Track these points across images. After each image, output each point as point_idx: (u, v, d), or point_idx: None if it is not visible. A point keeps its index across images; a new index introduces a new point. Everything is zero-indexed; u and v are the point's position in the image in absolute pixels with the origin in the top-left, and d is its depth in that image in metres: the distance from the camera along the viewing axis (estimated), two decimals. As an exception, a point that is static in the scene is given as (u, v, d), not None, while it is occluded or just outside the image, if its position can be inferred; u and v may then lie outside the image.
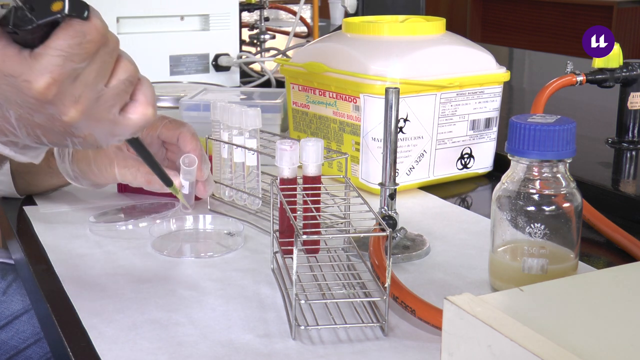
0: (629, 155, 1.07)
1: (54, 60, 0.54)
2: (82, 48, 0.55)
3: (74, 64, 0.55)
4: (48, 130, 0.59)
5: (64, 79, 0.55)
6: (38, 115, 0.57)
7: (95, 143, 0.61)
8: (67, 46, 0.54)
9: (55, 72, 0.54)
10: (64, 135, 0.59)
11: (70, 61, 0.55)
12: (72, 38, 0.54)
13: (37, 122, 0.58)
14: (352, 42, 1.02)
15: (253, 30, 1.97)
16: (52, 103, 0.56)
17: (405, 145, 0.97)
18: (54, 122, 0.58)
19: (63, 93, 0.56)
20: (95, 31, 0.55)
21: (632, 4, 4.20)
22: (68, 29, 0.54)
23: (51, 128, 0.59)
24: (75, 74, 0.55)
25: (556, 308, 0.47)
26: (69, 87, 0.56)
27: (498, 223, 0.69)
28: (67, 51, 0.54)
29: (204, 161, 0.82)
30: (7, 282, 0.99)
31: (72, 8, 0.53)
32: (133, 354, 0.60)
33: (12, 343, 0.97)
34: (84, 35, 0.54)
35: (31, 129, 0.59)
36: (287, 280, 0.71)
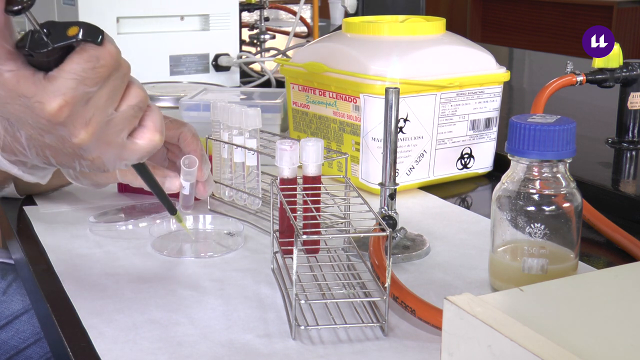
0: (629, 155, 1.07)
1: (67, 83, 0.55)
2: (95, 72, 0.56)
3: (86, 88, 0.56)
4: (57, 151, 0.60)
5: (76, 102, 0.56)
6: (49, 136, 0.59)
7: (102, 166, 0.62)
8: (81, 70, 0.56)
9: (68, 95, 0.56)
10: (72, 157, 0.61)
11: (83, 84, 0.56)
12: (85, 62, 0.56)
13: (47, 142, 0.59)
14: (352, 42, 1.02)
15: (253, 30, 1.97)
16: (64, 125, 0.57)
17: (405, 145, 0.97)
18: (64, 143, 0.59)
19: (74, 115, 0.57)
20: (108, 56, 0.56)
21: (632, 4, 4.20)
22: (82, 53, 0.56)
23: (61, 149, 0.60)
24: (87, 97, 0.57)
25: (556, 308, 0.47)
26: (81, 110, 0.57)
27: (498, 223, 0.69)
28: (80, 75, 0.56)
29: (204, 162, 0.82)
30: (7, 282, 0.99)
31: (87, 33, 0.55)
32: (133, 354, 0.60)
33: (12, 343, 0.97)
34: (97, 59, 0.56)
35: (41, 149, 0.60)
36: (287, 280, 0.71)
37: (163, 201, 0.75)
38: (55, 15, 1.54)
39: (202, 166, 0.81)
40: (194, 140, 0.83)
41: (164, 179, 0.78)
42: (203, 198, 0.85)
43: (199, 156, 0.82)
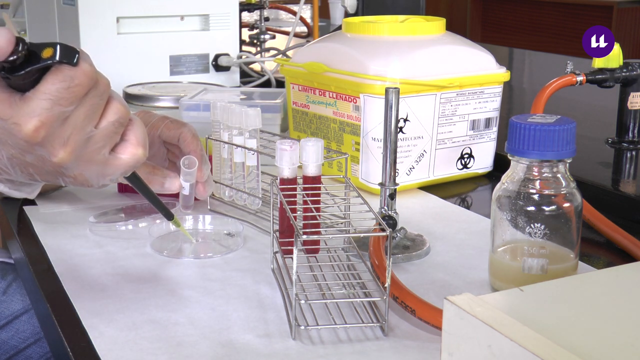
0: (629, 155, 1.07)
1: (42, 103, 0.56)
2: (70, 92, 0.56)
3: (62, 107, 0.56)
4: (40, 169, 0.61)
5: (53, 122, 0.57)
6: (29, 156, 0.59)
7: (85, 182, 0.62)
8: (55, 90, 0.56)
9: (43, 115, 0.56)
10: (54, 174, 0.61)
11: (58, 105, 0.56)
12: (60, 82, 0.56)
13: (28, 162, 0.60)
14: (352, 42, 1.02)
15: (253, 30, 1.97)
16: (42, 145, 0.58)
17: (405, 145, 0.97)
18: (44, 162, 0.59)
19: (52, 135, 0.57)
20: (83, 75, 0.57)
21: (632, 4, 4.20)
22: (57, 74, 0.56)
23: (42, 167, 0.60)
24: (64, 117, 0.57)
25: (556, 308, 0.47)
26: (58, 130, 0.57)
27: (498, 223, 0.69)
28: (55, 95, 0.56)
29: (204, 162, 0.82)
30: (7, 282, 0.99)
31: (62, 54, 0.55)
32: (133, 354, 0.60)
33: (12, 343, 0.97)
34: (72, 79, 0.56)
35: (24, 167, 0.61)
36: (287, 280, 0.71)
37: (158, 208, 0.74)
38: (55, 15, 1.54)
39: (202, 167, 0.81)
40: (194, 141, 0.83)
41: (164, 179, 0.78)
42: (203, 198, 0.85)
43: (199, 156, 0.82)
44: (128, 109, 0.62)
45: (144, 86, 1.46)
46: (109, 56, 1.44)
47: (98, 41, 1.44)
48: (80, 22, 1.42)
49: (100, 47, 1.44)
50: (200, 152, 0.83)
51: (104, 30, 1.45)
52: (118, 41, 1.46)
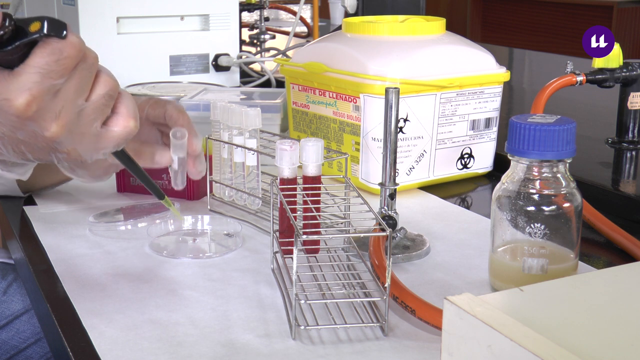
0: (629, 155, 1.07)
1: (32, 77, 0.56)
2: (60, 65, 0.56)
3: (52, 81, 0.56)
4: (32, 146, 0.60)
5: (43, 96, 0.56)
6: (21, 132, 0.59)
7: (79, 158, 0.62)
8: (45, 63, 0.55)
9: (34, 89, 0.56)
10: (47, 151, 0.61)
11: (48, 78, 0.56)
12: (49, 55, 0.56)
13: (20, 139, 0.59)
14: (352, 42, 1.02)
15: (253, 30, 1.97)
16: (33, 119, 0.57)
17: (405, 145, 0.97)
18: (36, 138, 0.59)
19: (43, 109, 0.57)
20: (71, 48, 0.56)
21: (632, 4, 4.20)
22: (45, 47, 0.56)
23: (34, 144, 0.60)
24: (55, 90, 0.57)
25: (556, 308, 0.47)
26: (49, 104, 0.57)
27: (498, 223, 0.69)
28: (44, 68, 0.56)
29: (194, 135, 0.79)
30: (8, 282, 0.99)
31: (50, 28, 0.55)
32: (133, 354, 0.60)
33: (13, 343, 0.97)
34: (60, 52, 0.56)
35: (16, 145, 0.60)
36: (287, 280, 0.71)
37: (149, 186, 0.74)
38: (55, 15, 1.54)
39: (192, 139, 0.78)
40: (180, 115, 0.80)
41: (154, 152, 0.77)
42: (194, 177, 0.82)
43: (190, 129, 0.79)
44: (117, 81, 0.62)
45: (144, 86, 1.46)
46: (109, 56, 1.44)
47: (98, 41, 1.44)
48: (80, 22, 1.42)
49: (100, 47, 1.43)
50: (188, 125, 0.80)
51: (104, 30, 1.44)
52: (118, 41, 1.46)
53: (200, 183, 0.96)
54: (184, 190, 0.95)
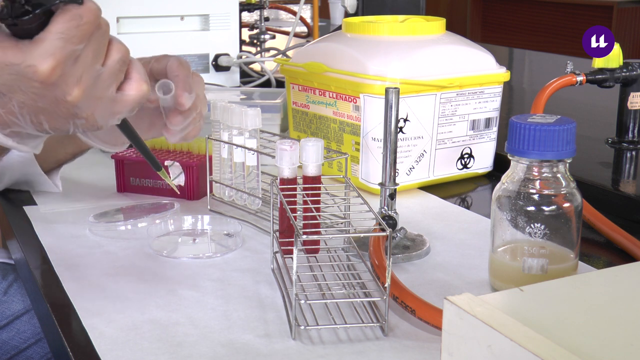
0: (629, 155, 1.07)
1: (55, 43, 0.57)
2: (80, 30, 0.58)
3: (73, 46, 0.58)
4: (51, 114, 0.61)
5: (66, 61, 0.58)
6: (42, 100, 0.60)
7: (95, 124, 0.64)
8: (66, 29, 0.57)
9: (57, 55, 0.58)
10: (67, 118, 0.62)
11: (70, 43, 0.58)
12: (69, 21, 0.57)
13: (40, 107, 0.61)
14: (352, 42, 1.02)
15: (253, 30, 1.97)
16: (57, 85, 0.59)
17: (405, 145, 0.97)
18: (57, 105, 0.61)
19: (66, 74, 0.59)
20: (90, 13, 0.59)
21: (632, 4, 4.20)
22: (66, 13, 0.57)
23: (54, 111, 0.61)
24: (75, 56, 0.59)
25: (556, 308, 0.47)
26: (71, 69, 0.59)
27: (498, 223, 0.69)
28: (66, 34, 0.57)
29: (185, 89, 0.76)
30: (8, 282, 0.99)
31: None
32: (133, 354, 0.60)
33: (13, 343, 0.97)
34: (80, 17, 0.58)
35: (35, 115, 0.62)
36: (287, 280, 0.71)
37: (147, 157, 0.75)
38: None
39: (183, 94, 0.76)
40: (180, 67, 0.78)
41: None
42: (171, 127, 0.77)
43: (181, 82, 0.76)
44: (128, 48, 0.64)
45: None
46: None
47: (98, 41, 1.44)
48: (80, 22, 1.42)
49: (100, 47, 1.43)
50: (184, 78, 0.77)
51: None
52: (118, 41, 1.46)
53: (200, 183, 0.96)
54: (184, 190, 0.95)
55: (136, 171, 0.97)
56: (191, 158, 0.97)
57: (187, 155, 0.98)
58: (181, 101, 0.75)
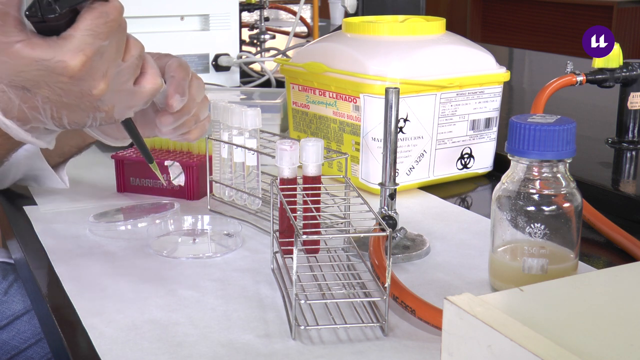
0: (629, 155, 1.07)
1: (85, 39, 0.60)
2: (107, 26, 0.61)
3: (100, 42, 0.61)
4: (74, 109, 0.64)
5: (94, 56, 0.61)
6: (67, 95, 0.63)
7: (113, 117, 0.67)
8: (95, 25, 0.60)
9: (87, 50, 0.61)
10: (88, 111, 0.65)
11: (98, 39, 0.61)
12: (97, 18, 0.61)
13: (64, 102, 0.63)
14: (352, 42, 1.02)
15: (253, 30, 1.96)
16: (84, 79, 0.62)
17: (405, 145, 0.97)
18: (82, 99, 0.63)
19: (93, 69, 0.62)
20: (115, 11, 0.62)
21: (632, 4, 4.20)
22: (93, 11, 0.60)
23: (77, 105, 0.64)
24: (102, 51, 0.62)
25: (556, 308, 0.47)
26: (98, 64, 0.62)
27: (498, 223, 0.69)
28: (94, 30, 0.60)
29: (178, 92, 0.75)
30: (9, 282, 0.99)
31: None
32: (133, 354, 0.60)
33: (13, 343, 0.97)
34: (107, 15, 0.61)
35: (57, 110, 0.64)
36: (287, 280, 0.71)
37: (143, 152, 0.78)
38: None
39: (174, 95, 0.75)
40: (178, 69, 0.77)
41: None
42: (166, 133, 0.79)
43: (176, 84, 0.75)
44: (143, 45, 0.67)
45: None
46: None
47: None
48: (80, 22, 1.42)
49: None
50: (180, 80, 0.76)
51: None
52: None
53: (200, 183, 0.96)
54: (184, 190, 0.95)
55: (136, 171, 0.97)
56: (191, 158, 0.97)
57: (187, 155, 0.98)
58: (170, 102, 0.75)
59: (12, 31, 0.59)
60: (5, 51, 0.60)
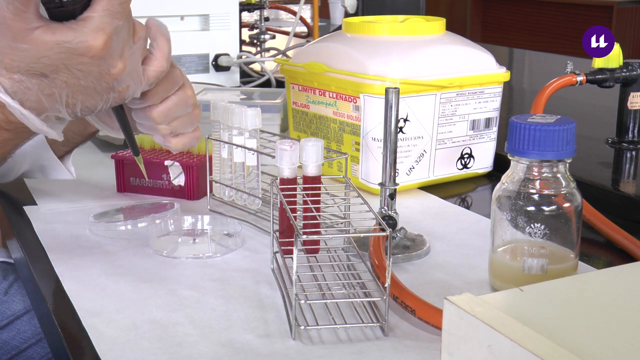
0: (629, 155, 1.07)
1: (104, 19, 0.62)
2: (122, 7, 0.63)
3: (118, 21, 0.63)
4: (90, 92, 0.65)
5: (113, 36, 0.63)
6: (86, 77, 0.64)
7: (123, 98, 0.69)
8: (111, 6, 0.62)
9: (107, 30, 0.62)
10: (104, 93, 0.66)
11: (115, 19, 0.63)
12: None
13: (82, 84, 0.64)
14: (352, 42, 1.02)
15: (253, 30, 1.97)
16: (104, 59, 0.64)
17: (405, 145, 0.97)
18: (100, 79, 0.65)
19: (112, 49, 0.64)
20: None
21: (632, 4, 4.20)
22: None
23: (94, 87, 0.65)
24: (118, 32, 0.63)
25: (556, 308, 0.47)
26: (116, 43, 0.64)
27: (498, 223, 0.69)
28: (111, 10, 0.62)
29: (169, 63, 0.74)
30: (9, 282, 0.99)
31: None
32: (133, 354, 0.60)
33: (14, 343, 0.97)
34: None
35: (73, 96, 0.65)
36: (287, 280, 0.71)
37: (130, 142, 0.79)
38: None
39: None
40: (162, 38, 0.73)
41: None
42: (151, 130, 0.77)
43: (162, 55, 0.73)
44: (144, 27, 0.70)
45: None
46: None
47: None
48: (80, 22, 1.42)
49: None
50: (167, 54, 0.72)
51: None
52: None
53: (200, 183, 0.96)
54: (184, 190, 0.95)
55: (136, 171, 0.97)
56: (191, 158, 0.97)
57: (187, 155, 0.98)
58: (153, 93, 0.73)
59: (32, 18, 0.60)
60: (25, 38, 0.60)
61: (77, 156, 0.99)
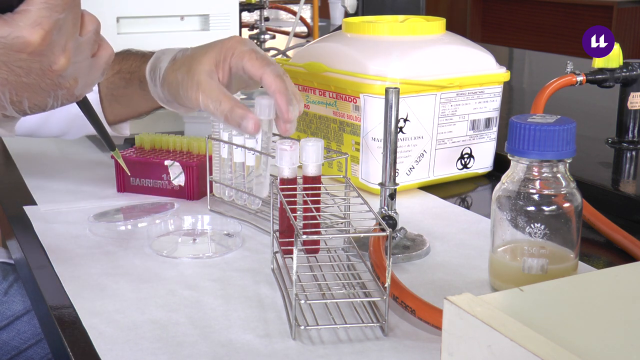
0: (629, 155, 1.07)
1: (41, 12, 0.59)
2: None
3: (57, 14, 0.60)
4: (34, 89, 0.62)
5: (53, 30, 0.60)
6: (27, 74, 0.61)
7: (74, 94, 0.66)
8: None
9: (45, 24, 0.59)
10: (49, 89, 0.63)
11: (54, 12, 0.59)
12: None
13: (25, 82, 0.61)
14: (352, 42, 1.02)
15: (253, 30, 1.97)
16: (45, 54, 0.60)
17: (405, 145, 0.97)
18: (43, 76, 0.62)
19: (53, 43, 0.60)
20: None
21: (632, 4, 4.20)
22: None
23: (38, 85, 0.62)
24: (59, 25, 0.60)
25: (556, 308, 0.47)
26: (57, 38, 0.61)
27: (498, 223, 0.69)
28: (50, 3, 0.59)
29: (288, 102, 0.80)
30: (9, 282, 0.99)
31: None
32: (133, 354, 0.60)
33: (13, 343, 0.97)
34: None
35: (16, 93, 0.62)
36: (287, 280, 0.71)
37: (103, 137, 0.78)
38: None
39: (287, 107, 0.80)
40: (277, 80, 0.81)
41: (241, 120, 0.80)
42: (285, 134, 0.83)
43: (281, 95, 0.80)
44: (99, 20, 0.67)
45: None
46: (109, 56, 1.44)
47: (98, 41, 1.43)
48: (80, 22, 1.42)
49: (100, 47, 1.43)
50: (284, 91, 0.80)
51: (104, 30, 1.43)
52: (118, 41, 1.46)
53: (200, 183, 0.96)
54: (184, 190, 0.95)
55: (136, 171, 0.97)
56: (191, 158, 0.97)
57: (187, 155, 0.98)
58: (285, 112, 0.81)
59: None
60: None
61: (77, 156, 0.99)
